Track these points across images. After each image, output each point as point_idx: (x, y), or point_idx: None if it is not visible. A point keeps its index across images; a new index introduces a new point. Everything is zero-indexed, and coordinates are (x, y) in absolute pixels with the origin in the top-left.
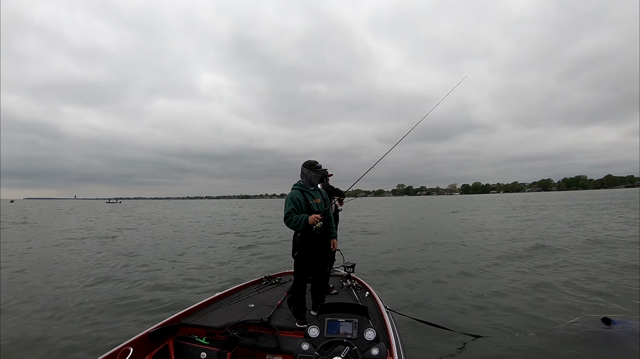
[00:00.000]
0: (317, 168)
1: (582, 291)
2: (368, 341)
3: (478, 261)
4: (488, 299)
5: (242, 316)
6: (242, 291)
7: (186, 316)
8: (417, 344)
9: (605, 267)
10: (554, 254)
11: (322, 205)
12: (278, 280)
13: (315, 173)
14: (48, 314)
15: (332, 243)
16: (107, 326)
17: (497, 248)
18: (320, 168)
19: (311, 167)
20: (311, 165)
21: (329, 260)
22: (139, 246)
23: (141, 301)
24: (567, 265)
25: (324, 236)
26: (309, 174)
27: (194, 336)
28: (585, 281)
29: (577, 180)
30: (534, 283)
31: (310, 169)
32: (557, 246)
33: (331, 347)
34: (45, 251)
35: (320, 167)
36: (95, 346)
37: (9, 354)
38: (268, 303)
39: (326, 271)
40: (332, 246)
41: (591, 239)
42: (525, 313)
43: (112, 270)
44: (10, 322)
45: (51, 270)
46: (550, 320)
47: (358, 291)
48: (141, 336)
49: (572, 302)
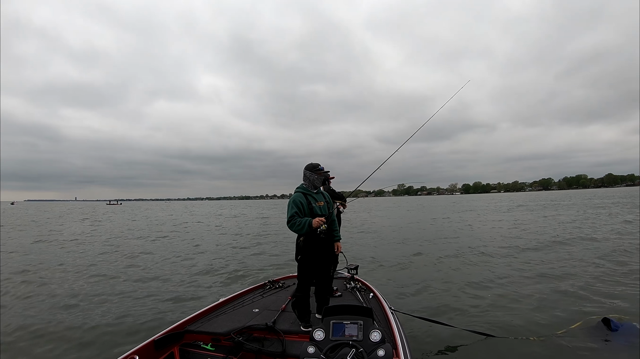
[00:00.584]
0: (320, 171)
1: (591, 293)
2: (374, 343)
3: (487, 261)
4: (494, 298)
5: (247, 321)
6: (246, 296)
7: (191, 322)
8: (423, 343)
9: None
10: (564, 252)
11: (326, 208)
12: (282, 284)
13: (317, 176)
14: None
15: (336, 246)
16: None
17: (508, 246)
18: (322, 171)
19: (313, 169)
20: (313, 167)
21: (332, 263)
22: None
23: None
24: (579, 265)
25: (327, 239)
26: (311, 177)
27: (199, 343)
28: (593, 283)
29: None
30: (546, 283)
31: (312, 172)
32: (568, 245)
33: (337, 349)
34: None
35: (322, 169)
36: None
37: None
38: (272, 307)
39: (330, 274)
40: (337, 249)
41: (598, 239)
42: (534, 314)
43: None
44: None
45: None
46: (553, 323)
47: (362, 293)
48: (146, 344)
49: (578, 305)
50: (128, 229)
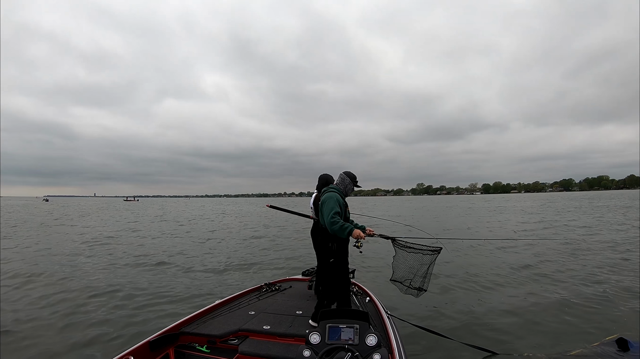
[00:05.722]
0: (357, 184)
1: (608, 310)
2: (370, 347)
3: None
4: (498, 314)
5: (243, 324)
6: (242, 298)
7: (186, 324)
8: (419, 351)
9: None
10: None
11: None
12: (278, 286)
13: (353, 187)
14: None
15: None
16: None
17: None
18: (357, 185)
19: (354, 180)
20: (354, 178)
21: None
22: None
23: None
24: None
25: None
26: (349, 185)
27: (195, 345)
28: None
29: (599, 180)
30: (555, 298)
31: (352, 182)
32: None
33: (333, 353)
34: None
35: (358, 185)
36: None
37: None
38: (269, 310)
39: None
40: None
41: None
42: (540, 331)
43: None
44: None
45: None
46: (565, 342)
47: (359, 297)
48: (142, 345)
49: (594, 323)
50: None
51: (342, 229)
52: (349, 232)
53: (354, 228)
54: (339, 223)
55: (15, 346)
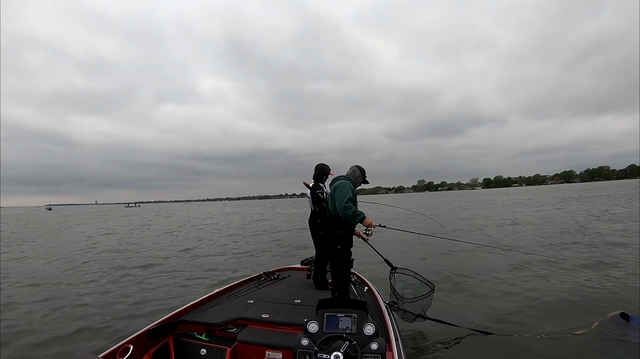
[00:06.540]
0: (365, 180)
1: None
2: (367, 336)
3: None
4: (500, 295)
5: (242, 312)
6: (241, 287)
7: (185, 312)
8: (417, 339)
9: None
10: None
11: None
12: (277, 275)
13: (362, 181)
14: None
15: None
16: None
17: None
18: (365, 180)
19: (364, 174)
20: (364, 172)
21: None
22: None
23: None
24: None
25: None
26: (359, 178)
27: (194, 333)
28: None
29: (600, 171)
30: (560, 277)
31: (362, 175)
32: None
33: (330, 342)
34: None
35: (367, 181)
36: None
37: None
38: (267, 298)
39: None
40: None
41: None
42: (539, 312)
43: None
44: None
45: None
46: (568, 322)
47: (357, 287)
48: (141, 334)
49: (601, 299)
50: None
51: (355, 215)
52: (361, 219)
53: (365, 216)
54: (352, 209)
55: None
